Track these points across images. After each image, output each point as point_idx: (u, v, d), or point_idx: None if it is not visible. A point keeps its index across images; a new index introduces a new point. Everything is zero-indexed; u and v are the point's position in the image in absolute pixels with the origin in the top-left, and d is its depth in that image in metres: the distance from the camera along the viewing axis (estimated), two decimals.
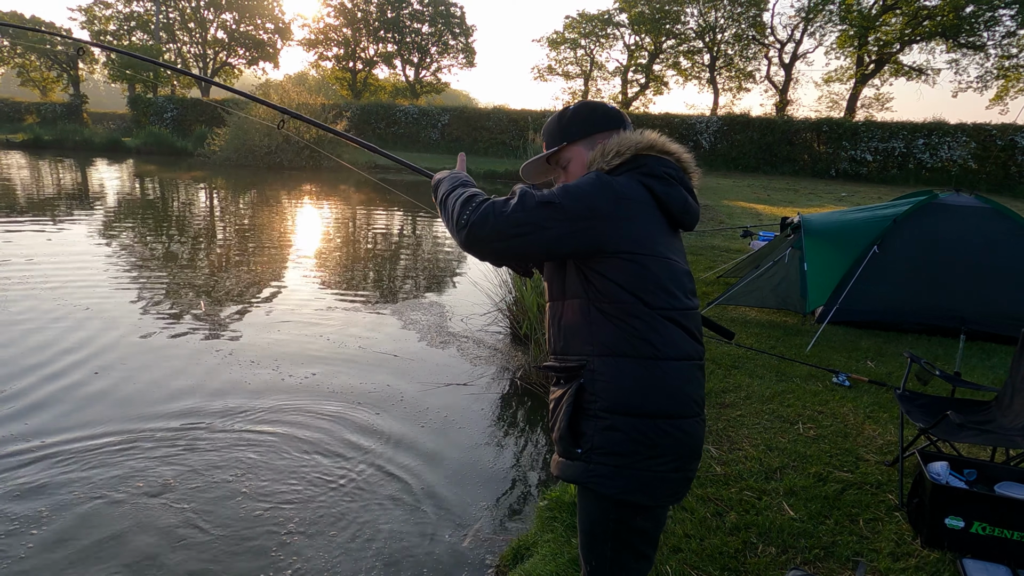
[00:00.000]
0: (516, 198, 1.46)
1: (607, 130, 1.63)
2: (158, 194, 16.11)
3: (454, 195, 1.57)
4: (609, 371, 1.48)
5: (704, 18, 38.49)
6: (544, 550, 2.71)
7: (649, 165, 1.54)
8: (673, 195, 1.54)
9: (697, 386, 1.56)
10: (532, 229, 1.43)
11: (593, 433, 1.50)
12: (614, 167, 1.55)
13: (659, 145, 1.58)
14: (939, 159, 23.61)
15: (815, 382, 4.62)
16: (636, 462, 1.47)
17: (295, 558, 2.86)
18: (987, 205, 5.89)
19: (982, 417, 3.23)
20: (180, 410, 4.21)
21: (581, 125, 1.65)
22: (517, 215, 1.42)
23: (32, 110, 37.39)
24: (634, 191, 1.49)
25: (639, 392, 1.47)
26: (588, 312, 1.51)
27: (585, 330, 1.52)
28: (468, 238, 1.45)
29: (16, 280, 6.95)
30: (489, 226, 1.43)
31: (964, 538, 2.69)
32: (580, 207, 1.44)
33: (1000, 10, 29.70)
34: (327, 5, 42.56)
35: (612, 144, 1.57)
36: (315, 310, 6.56)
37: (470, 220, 1.45)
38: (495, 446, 4.01)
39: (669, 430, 1.48)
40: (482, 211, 1.45)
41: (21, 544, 2.84)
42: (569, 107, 1.70)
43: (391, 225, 13.10)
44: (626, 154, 1.55)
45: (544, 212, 1.43)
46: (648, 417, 1.47)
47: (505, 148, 27.43)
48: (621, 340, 1.48)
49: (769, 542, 2.76)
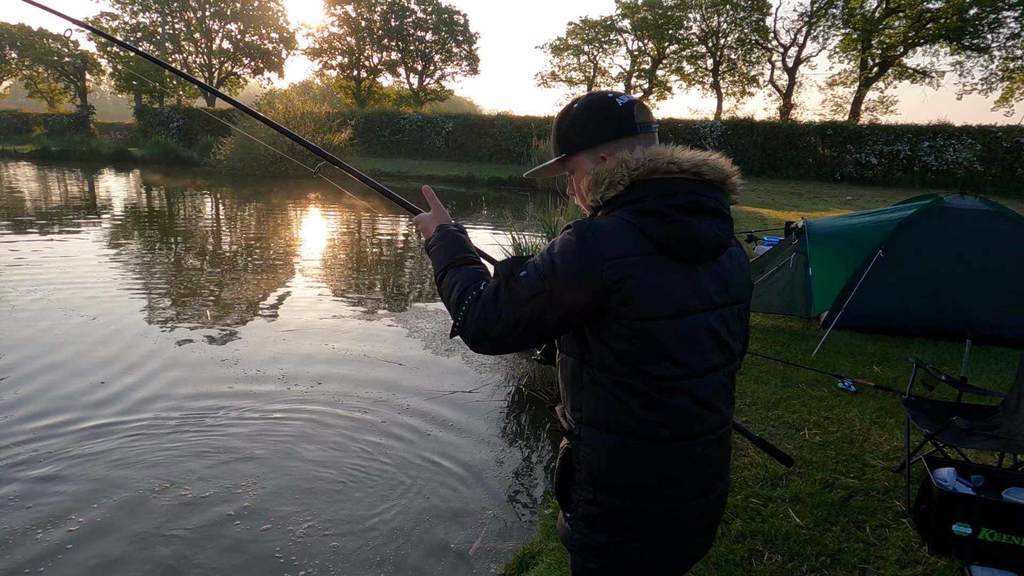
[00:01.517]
0: (504, 291, 1.29)
1: (612, 139, 1.36)
2: (165, 203, 16.21)
3: (446, 284, 1.42)
4: (593, 443, 1.33)
5: (707, 23, 38.57)
6: (550, 559, 2.71)
7: (646, 200, 1.27)
8: (676, 234, 1.26)
9: (706, 464, 1.35)
10: (531, 325, 1.27)
11: (578, 502, 1.38)
12: (608, 200, 1.32)
13: (664, 165, 1.28)
14: (944, 162, 23.52)
15: (820, 387, 4.60)
16: (617, 543, 1.34)
17: (297, 564, 2.86)
18: (992, 208, 5.87)
19: (989, 422, 3.22)
20: (179, 421, 4.23)
21: (580, 132, 1.39)
22: (511, 315, 1.27)
23: (40, 121, 37.71)
24: (620, 242, 1.24)
25: (623, 473, 1.31)
26: (580, 375, 1.35)
27: (576, 393, 1.36)
28: (473, 347, 1.34)
29: (25, 289, 7.00)
30: (488, 337, 1.30)
31: (972, 545, 2.67)
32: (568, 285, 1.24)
33: (1004, 12, 29.65)
34: (331, 15, 42.84)
35: (606, 170, 1.31)
36: (320, 318, 6.59)
37: (468, 329, 1.32)
38: (500, 454, 4.01)
39: (655, 513, 1.32)
40: (477, 318, 1.30)
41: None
42: (572, 106, 1.42)
43: (396, 232, 13.14)
44: (620, 185, 1.29)
45: (538, 305, 1.26)
46: (630, 497, 1.31)
47: (509, 154, 27.49)
48: (606, 413, 1.30)
49: (775, 550, 2.75)
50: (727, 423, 1.39)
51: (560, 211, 8.09)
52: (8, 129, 37.01)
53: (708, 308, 1.31)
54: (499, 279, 1.31)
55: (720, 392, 1.36)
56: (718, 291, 1.33)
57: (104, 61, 41.41)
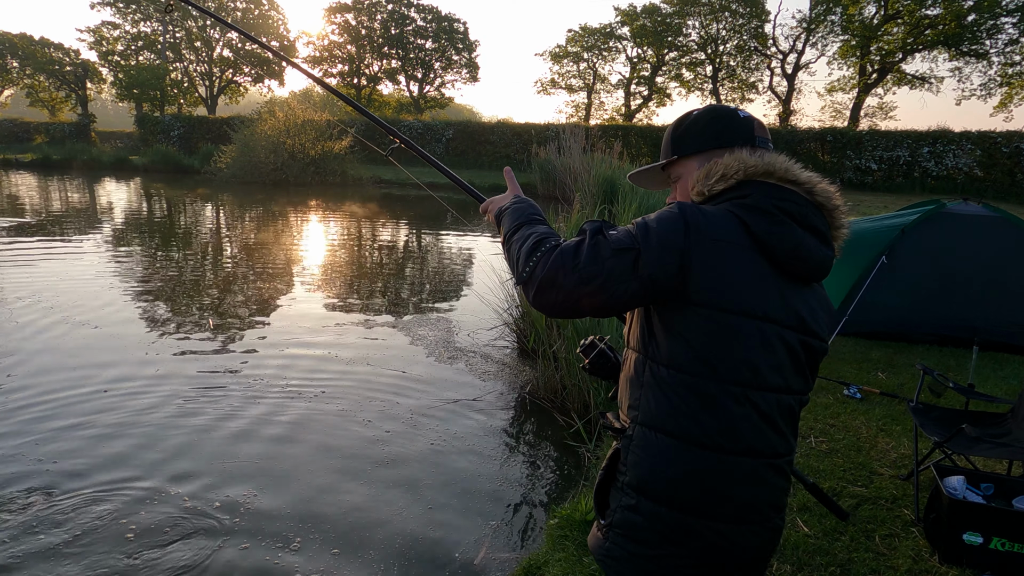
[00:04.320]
0: (587, 243, 1.21)
1: (728, 147, 1.32)
2: (165, 211, 16.21)
3: (519, 236, 1.34)
4: (645, 445, 1.25)
5: (706, 30, 38.72)
6: (555, 569, 2.68)
7: (755, 196, 1.23)
8: (779, 235, 1.21)
9: (763, 489, 1.25)
10: (606, 284, 1.18)
11: (616, 508, 1.30)
12: (716, 193, 1.28)
13: (780, 171, 1.25)
14: (944, 167, 23.55)
15: (826, 394, 4.57)
16: (653, 556, 1.25)
17: (300, 574, 2.84)
18: (995, 214, 5.86)
19: (998, 430, 3.19)
20: (181, 436, 4.20)
21: (697, 137, 1.37)
22: (589, 267, 1.18)
23: (41, 130, 37.81)
24: (722, 227, 1.20)
25: (672, 478, 1.22)
26: (643, 371, 1.27)
27: (635, 391, 1.28)
28: (535, 297, 1.23)
29: (26, 296, 6.99)
30: (557, 285, 1.20)
31: (983, 554, 2.64)
32: (659, 250, 1.17)
33: (1002, 18, 29.75)
34: (331, 23, 43.01)
35: (719, 165, 1.28)
36: (322, 326, 6.57)
37: (536, 275, 1.22)
38: (504, 463, 3.98)
39: (700, 530, 1.22)
40: (551, 264, 1.21)
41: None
42: (692, 113, 1.41)
43: (397, 239, 13.13)
44: (732, 179, 1.26)
45: (621, 263, 1.18)
46: (676, 509, 1.23)
47: (509, 161, 27.57)
48: (666, 414, 1.22)
49: (784, 559, 2.72)
50: (791, 452, 1.30)
51: (562, 218, 8.08)
52: (9, 138, 37.12)
53: (793, 327, 1.23)
54: (584, 234, 1.24)
55: (787, 416, 1.27)
56: (808, 316, 1.26)
57: (105, 70, 41.56)
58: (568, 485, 3.72)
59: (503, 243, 1.42)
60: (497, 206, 1.53)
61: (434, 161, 1.91)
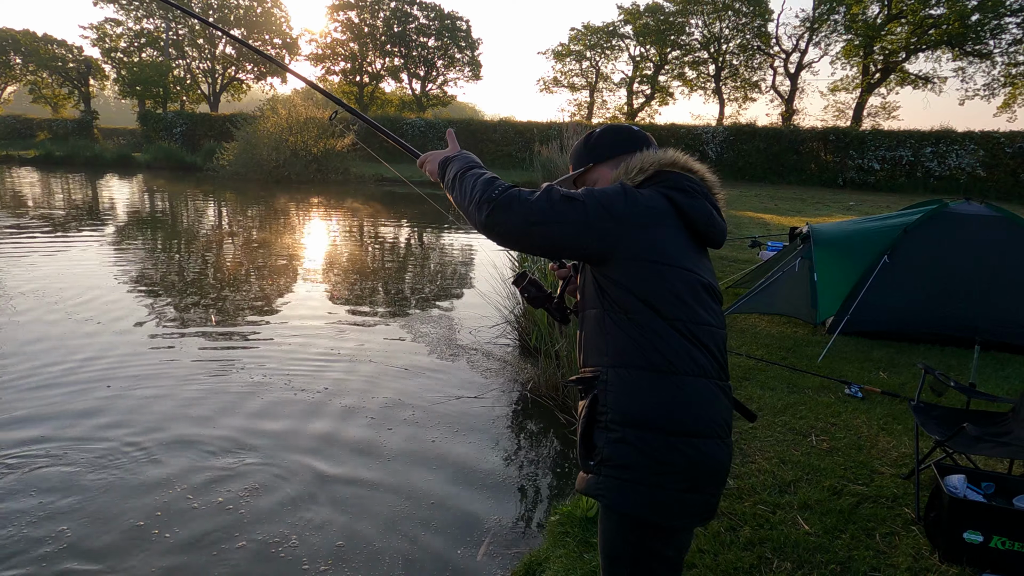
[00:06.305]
0: (541, 190, 1.48)
1: (632, 151, 1.67)
2: (168, 208, 16.23)
3: (472, 173, 1.58)
4: (620, 382, 1.47)
5: (709, 29, 38.67)
6: (556, 566, 2.69)
7: (672, 179, 1.57)
8: (697, 207, 1.54)
9: (721, 407, 1.50)
10: (553, 219, 1.44)
11: (603, 445, 1.47)
12: (638, 183, 1.58)
13: (681, 162, 1.61)
14: (947, 167, 23.50)
15: (827, 393, 4.58)
16: (644, 477, 1.44)
17: (303, 568, 2.84)
18: (998, 214, 5.85)
19: (999, 429, 3.19)
20: (179, 431, 4.21)
21: (606, 146, 1.71)
22: (541, 204, 1.44)
23: (44, 126, 37.83)
24: (655, 201, 1.51)
25: (649, 405, 1.44)
26: (603, 322, 1.51)
27: (600, 340, 1.52)
28: (489, 219, 1.46)
29: (28, 292, 7.01)
30: (512, 210, 1.45)
31: (983, 553, 2.65)
32: (601, 208, 1.46)
33: (1006, 18, 29.68)
34: (334, 20, 42.99)
35: (635, 161, 1.61)
36: (325, 324, 6.58)
37: (494, 200, 1.46)
38: (506, 460, 3.99)
39: (681, 447, 1.43)
40: (508, 194, 1.46)
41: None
42: (595, 130, 1.77)
43: (398, 237, 13.14)
44: (649, 170, 1.58)
45: (567, 206, 1.45)
46: (658, 431, 1.43)
47: (511, 160, 27.51)
48: (632, 350, 1.46)
49: (784, 557, 2.73)
50: (729, 378, 1.57)
51: None
52: (12, 134, 37.14)
53: (706, 277, 1.54)
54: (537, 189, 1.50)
55: (722, 347, 1.54)
56: (709, 274, 1.57)
57: (108, 67, 41.61)
58: (569, 482, 3.73)
59: (452, 182, 1.62)
60: (440, 157, 1.73)
61: (371, 122, 2.19)
